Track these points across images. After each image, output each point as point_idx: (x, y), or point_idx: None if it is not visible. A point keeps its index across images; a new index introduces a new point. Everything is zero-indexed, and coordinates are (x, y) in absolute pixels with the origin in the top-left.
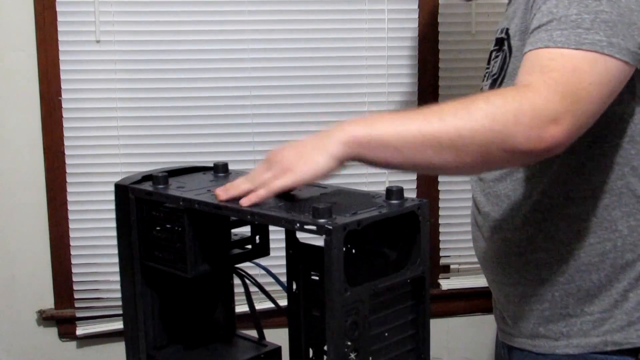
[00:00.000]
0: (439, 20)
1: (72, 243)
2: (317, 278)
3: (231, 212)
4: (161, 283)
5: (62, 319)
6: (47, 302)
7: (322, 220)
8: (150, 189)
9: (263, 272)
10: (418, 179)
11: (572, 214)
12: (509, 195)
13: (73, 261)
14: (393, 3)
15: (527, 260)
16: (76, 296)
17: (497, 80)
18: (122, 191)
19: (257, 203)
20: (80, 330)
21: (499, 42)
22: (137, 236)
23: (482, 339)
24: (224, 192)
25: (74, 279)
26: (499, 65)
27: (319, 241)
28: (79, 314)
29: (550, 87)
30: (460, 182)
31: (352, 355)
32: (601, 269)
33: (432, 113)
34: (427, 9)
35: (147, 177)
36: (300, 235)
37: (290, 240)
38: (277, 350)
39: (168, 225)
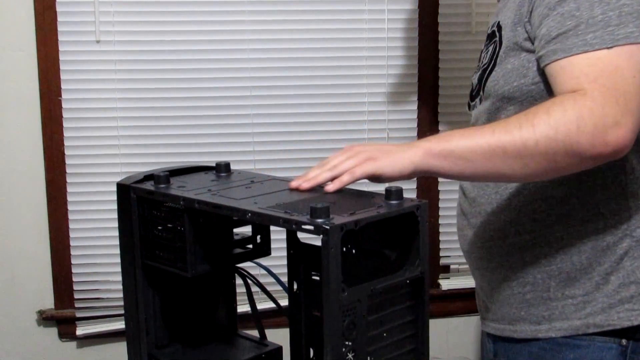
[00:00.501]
0: (439, 20)
1: (72, 243)
2: (317, 278)
3: (230, 212)
4: (163, 282)
5: (62, 319)
6: (47, 302)
7: (319, 220)
8: (152, 188)
9: (264, 272)
10: (418, 179)
11: (555, 196)
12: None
13: (73, 261)
14: (393, 3)
15: (511, 242)
16: (76, 296)
17: (487, 69)
18: (124, 190)
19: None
20: (80, 331)
21: (490, 37)
22: (138, 235)
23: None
24: (306, 182)
25: (74, 279)
26: (490, 55)
27: (319, 241)
28: (79, 314)
29: (603, 93)
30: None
31: (350, 356)
32: (582, 251)
33: (499, 127)
34: (427, 9)
35: (148, 177)
36: (301, 235)
37: (291, 240)
38: (278, 350)
39: (169, 225)
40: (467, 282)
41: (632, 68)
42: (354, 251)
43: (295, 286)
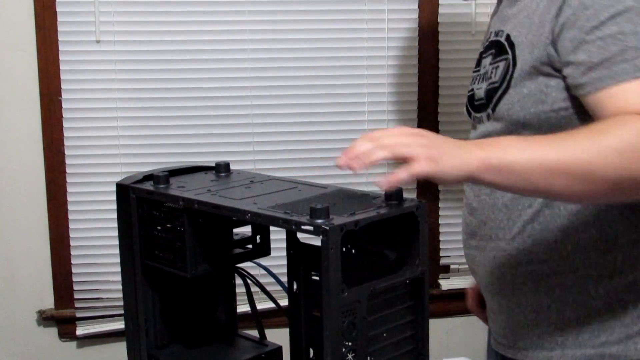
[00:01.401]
0: (439, 20)
1: (72, 243)
2: (317, 278)
3: (229, 212)
4: (162, 282)
5: (62, 319)
6: (47, 302)
7: (319, 221)
8: (151, 188)
9: (264, 272)
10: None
11: (573, 226)
12: (507, 205)
13: (73, 261)
14: (393, 3)
15: (524, 271)
16: (76, 296)
17: (499, 90)
18: (123, 190)
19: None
20: (80, 331)
21: (497, 46)
22: (138, 235)
23: (482, 339)
24: (356, 161)
25: (74, 279)
26: (501, 74)
27: (319, 241)
28: (79, 314)
29: None
30: (460, 183)
31: (350, 356)
32: (600, 282)
33: (563, 144)
34: (427, 9)
35: (148, 177)
36: (300, 236)
37: (291, 240)
38: (278, 350)
39: (168, 225)
40: (467, 282)
41: None
42: (353, 251)
43: (295, 286)
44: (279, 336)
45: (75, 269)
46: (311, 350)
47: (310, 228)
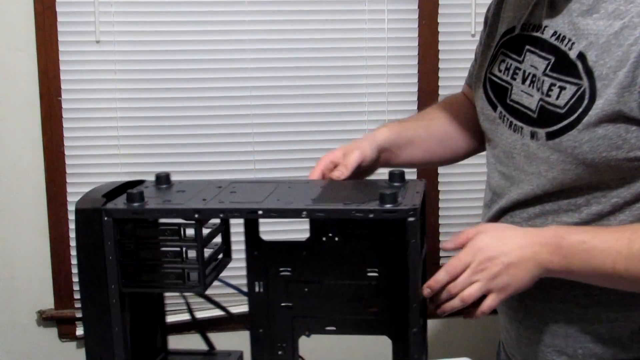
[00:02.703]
0: (439, 20)
1: (72, 243)
2: (288, 273)
3: (286, 214)
4: (132, 309)
5: (62, 319)
6: (47, 302)
7: (401, 204)
8: (135, 207)
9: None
10: (418, 176)
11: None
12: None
13: (73, 261)
14: (393, 3)
15: (555, 308)
16: (76, 296)
17: (564, 120)
18: (90, 215)
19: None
20: (80, 331)
21: (561, 59)
22: (115, 263)
23: (482, 339)
24: (440, 310)
25: (74, 279)
26: (569, 102)
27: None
28: (78, 314)
29: None
30: (460, 183)
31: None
32: (635, 339)
33: (628, 251)
34: (427, 9)
35: (107, 195)
36: (265, 235)
37: (253, 242)
38: (236, 355)
39: (169, 243)
40: None
41: None
42: (336, 239)
43: (257, 287)
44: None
45: (75, 269)
46: (281, 346)
47: (396, 212)
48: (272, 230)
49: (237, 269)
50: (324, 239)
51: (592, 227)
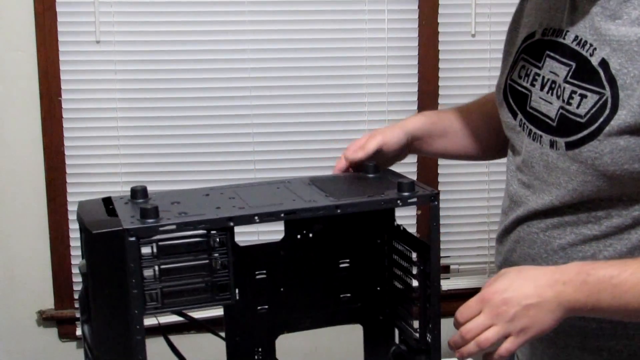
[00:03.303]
0: (439, 20)
1: (72, 243)
2: (264, 276)
3: (309, 212)
4: None
5: (62, 319)
6: (47, 302)
7: (422, 189)
8: (162, 222)
9: None
10: (417, 178)
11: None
12: (564, 248)
13: (73, 261)
14: (393, 3)
15: (582, 326)
16: (76, 296)
17: (584, 129)
18: (111, 239)
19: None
20: (80, 331)
21: (583, 65)
22: (138, 285)
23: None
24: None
25: (74, 279)
26: (590, 111)
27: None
28: (78, 315)
29: None
30: (460, 183)
31: None
32: None
33: None
34: (427, 9)
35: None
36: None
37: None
38: None
39: (196, 256)
40: (467, 282)
41: None
42: (310, 235)
43: (236, 293)
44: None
45: (75, 269)
46: (259, 351)
47: (417, 198)
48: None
49: None
50: (298, 236)
51: (618, 260)
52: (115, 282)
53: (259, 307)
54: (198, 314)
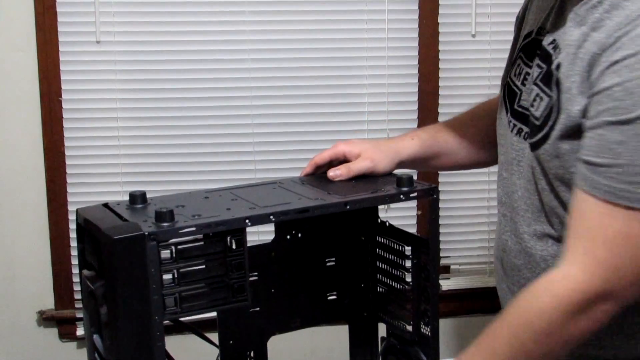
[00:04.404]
0: (439, 20)
1: (72, 243)
2: (256, 278)
3: (321, 210)
4: None
5: (62, 319)
6: (48, 302)
7: (421, 184)
8: (182, 225)
9: None
10: (418, 176)
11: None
12: (545, 259)
13: (73, 261)
14: (393, 3)
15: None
16: (76, 297)
17: (540, 132)
18: (132, 244)
19: None
20: (80, 331)
21: (547, 67)
22: (158, 291)
23: None
24: None
25: (74, 279)
26: (543, 114)
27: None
28: (79, 315)
29: (594, 276)
30: (461, 183)
31: None
32: None
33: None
34: (427, 9)
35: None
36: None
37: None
38: None
39: (209, 259)
40: (467, 282)
41: None
42: (299, 235)
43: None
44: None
45: (75, 269)
46: (251, 353)
47: (418, 192)
48: None
49: None
50: (288, 237)
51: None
52: (135, 288)
53: (250, 309)
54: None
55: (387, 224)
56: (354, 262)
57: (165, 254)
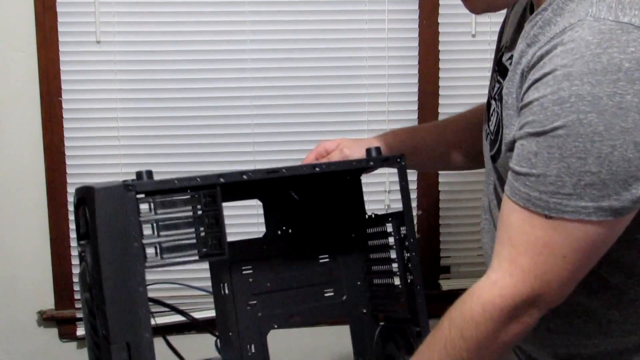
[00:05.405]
0: (439, 20)
1: (72, 243)
2: (250, 271)
3: (291, 171)
4: None
5: (62, 319)
6: (48, 302)
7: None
8: (160, 180)
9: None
10: (418, 178)
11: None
12: None
13: (73, 261)
14: (393, 3)
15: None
16: (76, 297)
17: (494, 145)
18: (112, 193)
19: None
20: (80, 331)
21: (502, 73)
22: (140, 241)
23: None
24: None
25: (75, 279)
26: (494, 128)
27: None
28: (79, 315)
29: (519, 282)
30: (461, 183)
31: None
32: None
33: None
34: (427, 9)
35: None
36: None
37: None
38: None
39: (186, 210)
40: (467, 282)
41: (566, 247)
42: (290, 231)
43: (222, 290)
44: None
45: (75, 269)
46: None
47: (393, 157)
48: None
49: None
50: (279, 232)
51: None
52: (116, 239)
53: (249, 302)
54: (198, 315)
55: (373, 215)
56: (348, 259)
57: (145, 208)
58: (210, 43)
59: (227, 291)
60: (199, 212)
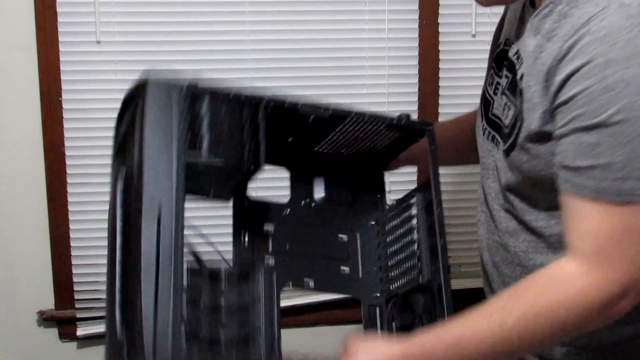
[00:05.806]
0: (439, 20)
1: (72, 243)
2: (271, 229)
3: (328, 111)
4: None
5: (62, 319)
6: (48, 302)
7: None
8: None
9: None
10: (419, 176)
11: None
12: (518, 254)
13: (73, 261)
14: (393, 3)
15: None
16: (77, 297)
17: (509, 139)
18: (167, 88)
19: None
20: (80, 331)
21: (512, 77)
22: (185, 128)
23: None
24: None
25: (75, 279)
26: (510, 123)
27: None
28: (79, 315)
29: (611, 272)
30: (462, 183)
31: None
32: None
33: (494, 341)
34: (427, 9)
35: None
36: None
37: (241, 198)
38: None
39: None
40: (467, 282)
41: None
42: (312, 205)
43: (242, 237)
44: None
45: (75, 269)
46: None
47: (422, 122)
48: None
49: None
50: (302, 203)
51: (459, 322)
52: (164, 128)
53: (266, 256)
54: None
55: (395, 202)
56: (365, 246)
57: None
58: (210, 43)
59: (247, 240)
60: (241, 124)
